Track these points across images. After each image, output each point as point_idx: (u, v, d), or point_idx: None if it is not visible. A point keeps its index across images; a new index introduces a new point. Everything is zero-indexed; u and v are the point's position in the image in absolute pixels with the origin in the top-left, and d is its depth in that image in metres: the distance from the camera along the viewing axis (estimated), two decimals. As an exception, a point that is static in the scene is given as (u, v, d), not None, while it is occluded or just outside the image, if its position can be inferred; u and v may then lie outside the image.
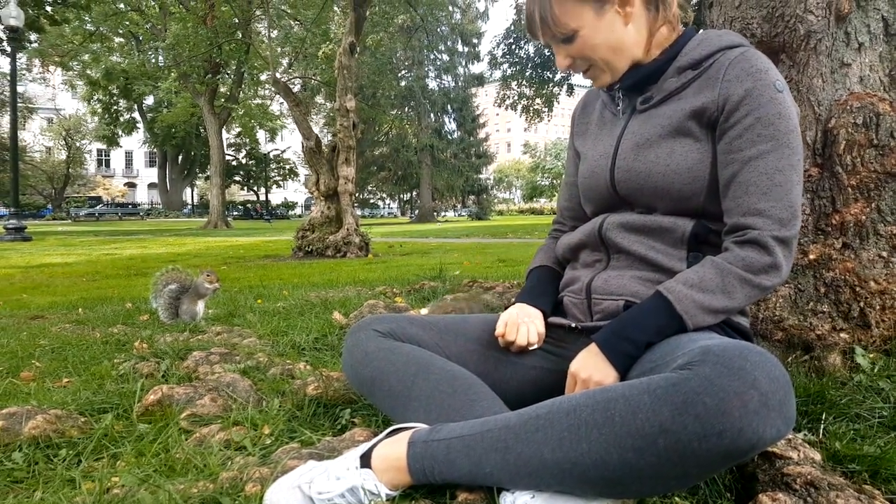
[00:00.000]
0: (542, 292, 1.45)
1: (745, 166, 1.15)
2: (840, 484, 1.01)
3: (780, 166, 1.14)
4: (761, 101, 1.15)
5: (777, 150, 1.14)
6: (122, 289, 5.15)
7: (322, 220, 9.00)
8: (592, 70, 1.30)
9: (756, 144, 1.15)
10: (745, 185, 1.15)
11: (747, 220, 1.15)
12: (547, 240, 1.61)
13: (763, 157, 1.14)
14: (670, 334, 1.12)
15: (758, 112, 1.15)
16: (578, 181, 1.45)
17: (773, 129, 1.15)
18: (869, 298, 1.69)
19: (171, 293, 2.83)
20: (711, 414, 0.83)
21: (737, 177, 1.16)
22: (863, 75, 1.80)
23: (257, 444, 1.34)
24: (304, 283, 4.99)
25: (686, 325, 1.11)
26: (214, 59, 21.04)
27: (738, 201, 1.16)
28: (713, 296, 1.12)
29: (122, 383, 1.86)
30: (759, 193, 1.14)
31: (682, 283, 1.14)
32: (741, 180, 1.16)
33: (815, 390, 1.47)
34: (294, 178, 50.99)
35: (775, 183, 1.14)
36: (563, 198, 1.59)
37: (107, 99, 34.18)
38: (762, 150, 1.14)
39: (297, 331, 2.54)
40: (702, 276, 1.14)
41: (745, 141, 1.16)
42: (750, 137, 1.15)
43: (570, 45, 1.24)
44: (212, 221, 26.18)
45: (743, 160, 1.16)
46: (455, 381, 1.22)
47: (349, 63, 8.57)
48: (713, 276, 1.13)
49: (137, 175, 65.31)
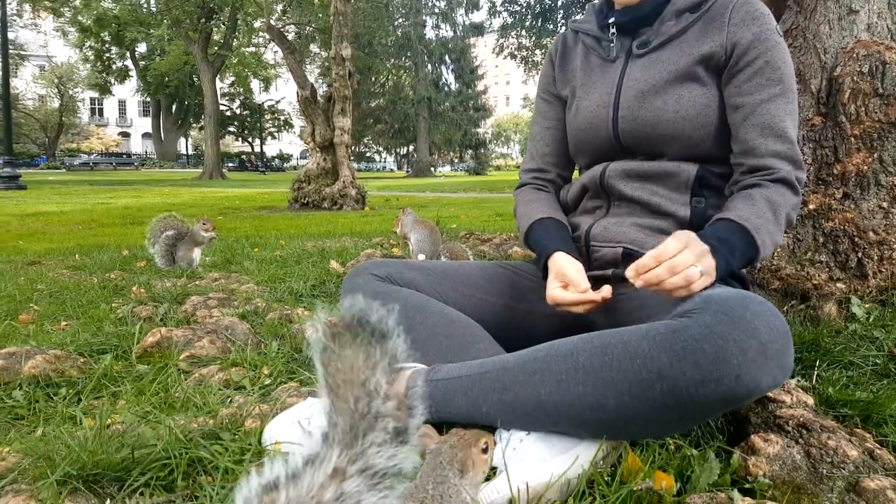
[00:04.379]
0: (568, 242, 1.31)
1: (758, 108, 1.16)
2: (831, 426, 1.03)
3: (788, 110, 1.17)
4: (768, 45, 1.16)
5: (784, 94, 1.17)
6: (119, 237, 5.13)
7: (318, 172, 8.93)
8: None
9: (766, 88, 1.16)
10: (760, 128, 1.15)
11: (768, 161, 1.15)
12: (528, 190, 1.48)
13: (774, 100, 1.16)
14: (746, 265, 1.10)
15: (766, 55, 1.16)
16: (570, 132, 1.40)
17: (780, 73, 1.16)
18: (867, 249, 1.69)
19: (168, 239, 2.82)
20: (710, 361, 0.83)
21: (750, 118, 1.16)
22: (870, 22, 1.77)
23: (256, 383, 1.36)
24: (300, 233, 4.98)
25: (759, 256, 1.09)
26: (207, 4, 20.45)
27: (755, 143, 1.16)
28: (776, 228, 1.12)
29: (120, 326, 1.87)
30: (775, 136, 1.15)
31: (753, 216, 1.09)
32: (755, 122, 1.16)
33: (809, 338, 1.48)
34: (289, 129, 50.28)
35: (787, 126, 1.16)
36: (541, 143, 1.48)
37: (99, 46, 33.27)
38: (773, 94, 1.16)
39: (294, 278, 2.55)
40: (762, 211, 1.11)
41: (755, 84, 1.16)
42: (759, 81, 1.16)
43: None
44: (207, 172, 25.97)
45: (755, 102, 1.16)
46: (452, 324, 1.22)
47: (344, 9, 8.35)
48: (768, 212, 1.11)
49: (131, 125, 64.20)
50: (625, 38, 1.31)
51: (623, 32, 1.31)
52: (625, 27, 1.30)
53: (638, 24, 1.29)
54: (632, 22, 1.29)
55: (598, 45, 1.36)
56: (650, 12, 1.26)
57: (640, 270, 0.99)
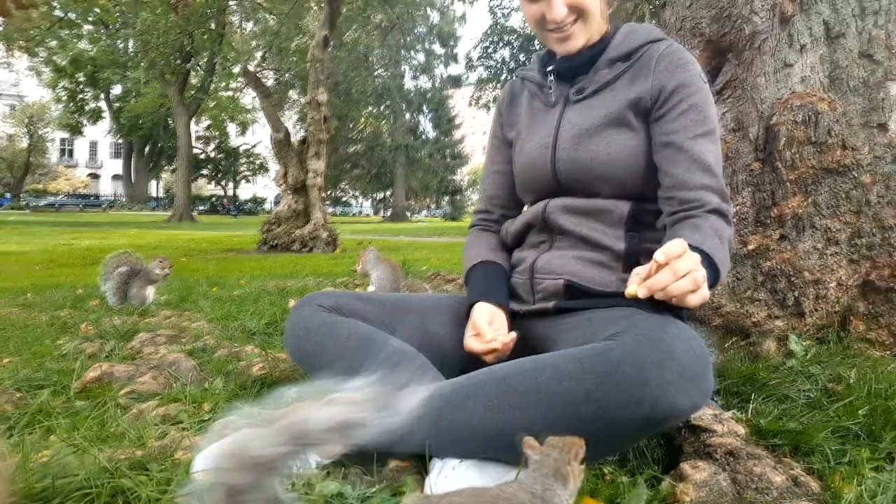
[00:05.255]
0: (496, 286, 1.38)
1: (686, 145, 1.22)
2: (758, 454, 1.05)
3: (712, 149, 1.24)
4: (693, 90, 1.25)
5: (709, 134, 1.24)
6: (76, 276, 5.03)
7: (289, 214, 8.93)
8: (577, 26, 1.30)
9: (692, 128, 1.23)
10: (689, 162, 1.21)
11: (699, 194, 1.20)
12: (475, 232, 1.56)
13: (699, 139, 1.23)
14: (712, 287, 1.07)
15: (691, 99, 1.24)
16: (516, 171, 1.46)
17: (705, 115, 1.24)
18: (804, 288, 1.75)
19: (121, 276, 2.77)
20: (631, 383, 0.85)
21: (679, 155, 1.22)
22: (804, 75, 1.86)
23: (194, 417, 1.33)
24: (264, 274, 4.94)
25: (720, 278, 1.11)
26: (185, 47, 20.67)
27: (685, 177, 1.21)
28: (725, 254, 1.15)
29: (63, 362, 1.82)
30: (703, 170, 1.21)
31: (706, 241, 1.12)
32: (684, 158, 1.22)
33: (747, 373, 1.51)
34: (264, 173, 50.22)
35: (714, 162, 1.23)
36: (489, 186, 1.56)
37: (73, 86, 33.29)
38: (698, 133, 1.23)
39: (248, 316, 2.52)
40: (711, 237, 1.14)
41: (681, 124, 1.23)
42: (685, 122, 1.23)
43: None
44: (177, 215, 25.69)
45: (682, 140, 1.22)
46: (398, 355, 1.22)
47: (322, 56, 8.52)
48: (715, 238, 1.14)
49: (101, 166, 63.40)
50: (563, 85, 1.39)
51: (561, 80, 1.39)
52: (563, 75, 1.38)
53: (575, 73, 1.37)
54: (569, 70, 1.37)
55: (541, 92, 1.43)
56: (586, 61, 1.35)
57: (643, 277, 0.95)
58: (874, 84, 1.82)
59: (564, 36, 1.30)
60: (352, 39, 21.10)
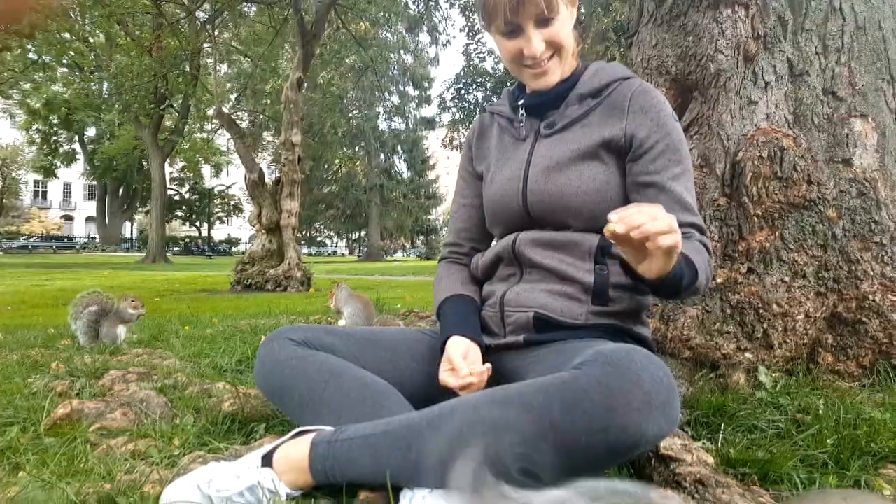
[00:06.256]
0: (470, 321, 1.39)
1: (667, 185, 1.27)
2: (726, 482, 1.06)
3: (688, 186, 1.30)
4: (667, 130, 1.30)
5: (685, 172, 1.30)
6: (48, 317, 4.91)
7: (263, 254, 8.88)
8: (553, 61, 1.33)
9: (670, 167, 1.28)
10: (672, 202, 1.26)
11: (684, 231, 1.21)
12: (445, 265, 1.57)
13: (678, 178, 1.28)
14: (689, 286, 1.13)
15: (666, 140, 1.29)
16: (486, 204, 1.49)
17: (680, 154, 1.30)
18: (772, 320, 1.79)
19: (91, 315, 2.73)
20: (597, 410, 0.87)
21: (660, 196, 1.27)
22: (769, 112, 1.93)
23: (164, 452, 1.31)
24: (237, 313, 4.88)
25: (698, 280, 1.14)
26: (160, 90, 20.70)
27: None
28: (706, 264, 1.20)
29: (33, 400, 1.78)
30: (684, 209, 1.27)
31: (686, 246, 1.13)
32: (667, 199, 1.26)
33: (717, 404, 1.53)
34: (239, 214, 50.01)
35: (691, 200, 1.29)
36: (458, 220, 1.58)
37: (46, 129, 33.01)
38: (676, 173, 1.28)
39: (220, 354, 2.49)
40: (691, 248, 1.18)
41: (660, 164, 1.28)
42: (664, 162, 1.28)
43: (546, 28, 1.28)
44: (150, 256, 25.36)
45: (663, 181, 1.28)
46: (366, 388, 1.22)
47: (296, 97, 8.61)
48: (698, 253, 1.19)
49: (75, 208, 62.55)
50: (533, 120, 1.42)
51: (532, 114, 1.43)
52: (533, 109, 1.42)
53: (545, 108, 1.41)
54: (539, 105, 1.41)
55: (511, 126, 1.47)
56: (556, 97, 1.39)
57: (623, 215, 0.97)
58: (838, 120, 1.90)
59: (542, 71, 1.33)
60: (325, 81, 21.33)
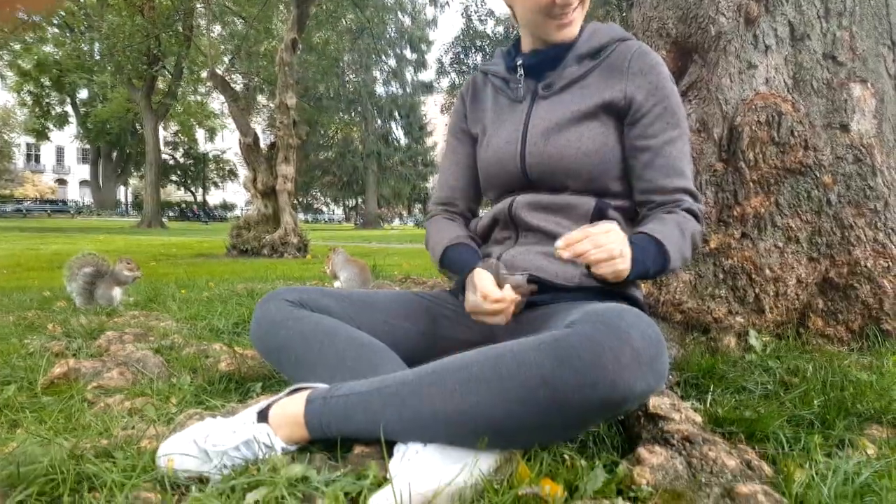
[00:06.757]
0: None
1: (662, 150, 1.30)
2: (713, 439, 1.09)
3: (684, 150, 1.32)
4: (665, 93, 1.30)
5: (682, 136, 1.32)
6: (44, 280, 4.92)
7: (259, 219, 8.86)
8: (578, 11, 1.33)
9: (667, 131, 1.30)
10: (666, 168, 1.29)
11: (674, 196, 1.30)
12: (440, 220, 1.55)
13: (674, 142, 1.30)
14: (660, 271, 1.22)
15: (664, 102, 1.30)
16: (481, 167, 1.48)
17: (677, 118, 1.31)
18: (764, 285, 1.80)
19: (86, 276, 2.73)
20: (587, 366, 0.89)
21: (656, 160, 1.29)
22: (768, 76, 1.91)
23: (160, 409, 1.33)
24: (234, 278, 4.90)
25: (670, 265, 1.21)
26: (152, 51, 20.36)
27: (663, 182, 1.30)
28: (685, 245, 1.25)
29: (30, 360, 1.80)
30: (677, 175, 1.30)
31: (664, 231, 1.23)
32: (661, 164, 1.29)
33: (707, 366, 1.56)
34: (234, 179, 49.58)
35: (686, 165, 1.32)
36: (451, 177, 1.56)
37: (38, 90, 32.48)
38: (672, 136, 1.30)
39: (216, 316, 2.50)
40: (671, 229, 1.24)
41: (657, 128, 1.30)
42: (661, 125, 1.30)
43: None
44: (145, 221, 25.28)
45: (659, 145, 1.30)
46: (361, 347, 1.24)
47: (290, 59, 8.49)
48: (676, 230, 1.25)
49: (69, 171, 61.84)
50: (531, 80, 1.41)
51: (529, 75, 1.41)
52: (531, 70, 1.41)
53: (542, 68, 1.39)
54: (537, 65, 1.39)
55: (507, 87, 1.45)
56: (554, 57, 1.37)
57: (570, 242, 1.09)
58: (837, 85, 1.88)
59: (568, 21, 1.32)
60: (321, 41, 20.97)
